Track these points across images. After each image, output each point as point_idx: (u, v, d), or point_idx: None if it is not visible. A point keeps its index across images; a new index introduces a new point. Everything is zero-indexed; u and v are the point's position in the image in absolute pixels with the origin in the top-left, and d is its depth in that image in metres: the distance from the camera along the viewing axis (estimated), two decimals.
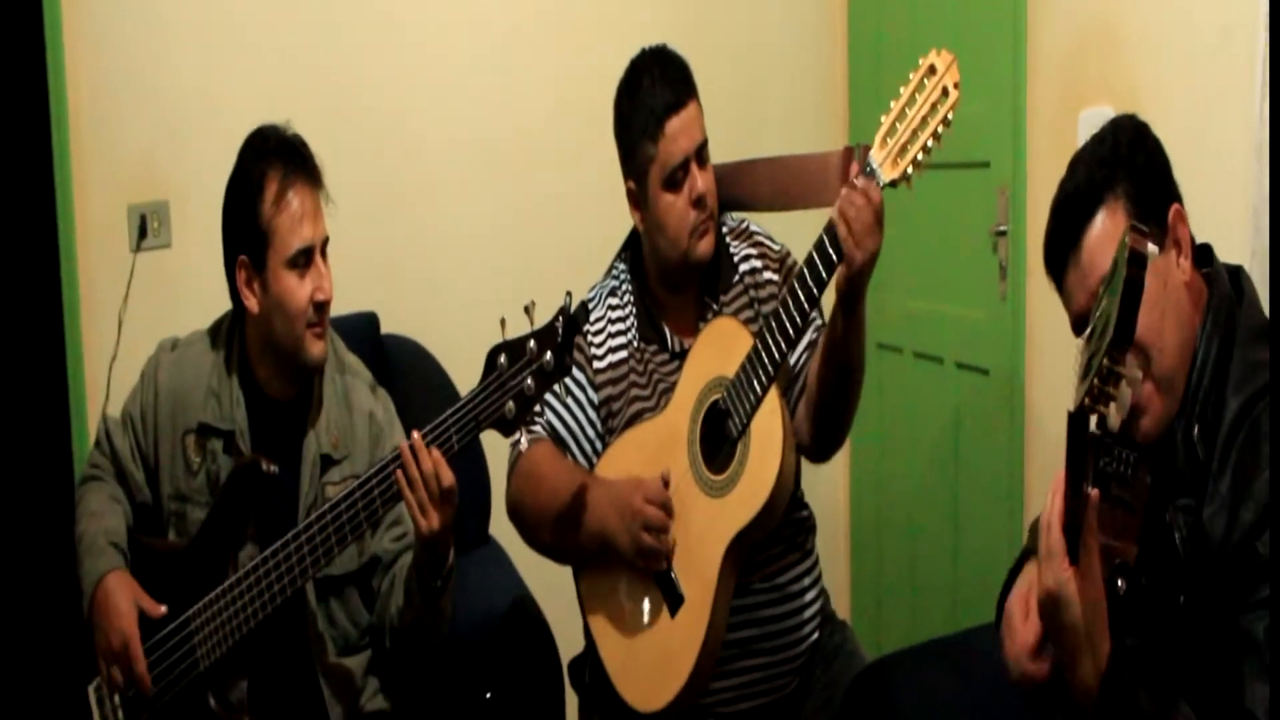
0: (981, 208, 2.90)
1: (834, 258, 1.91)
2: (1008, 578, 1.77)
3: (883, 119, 1.91)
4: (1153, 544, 1.51)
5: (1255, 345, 1.56)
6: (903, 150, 1.88)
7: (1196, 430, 1.54)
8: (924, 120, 1.87)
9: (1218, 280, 1.61)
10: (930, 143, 1.87)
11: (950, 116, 1.86)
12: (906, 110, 1.89)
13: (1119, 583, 1.46)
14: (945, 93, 1.86)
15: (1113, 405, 1.31)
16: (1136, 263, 1.28)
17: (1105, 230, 1.60)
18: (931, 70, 1.88)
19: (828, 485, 3.51)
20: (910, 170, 1.88)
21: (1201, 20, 2.31)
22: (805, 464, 2.30)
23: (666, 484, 2.04)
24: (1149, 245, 1.30)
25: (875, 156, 1.90)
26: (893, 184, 1.89)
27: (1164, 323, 1.56)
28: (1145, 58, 2.45)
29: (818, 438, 2.12)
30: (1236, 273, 1.64)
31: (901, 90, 1.90)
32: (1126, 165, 1.62)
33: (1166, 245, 1.60)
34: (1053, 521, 1.39)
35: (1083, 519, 1.36)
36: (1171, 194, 1.64)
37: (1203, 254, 1.67)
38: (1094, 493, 1.35)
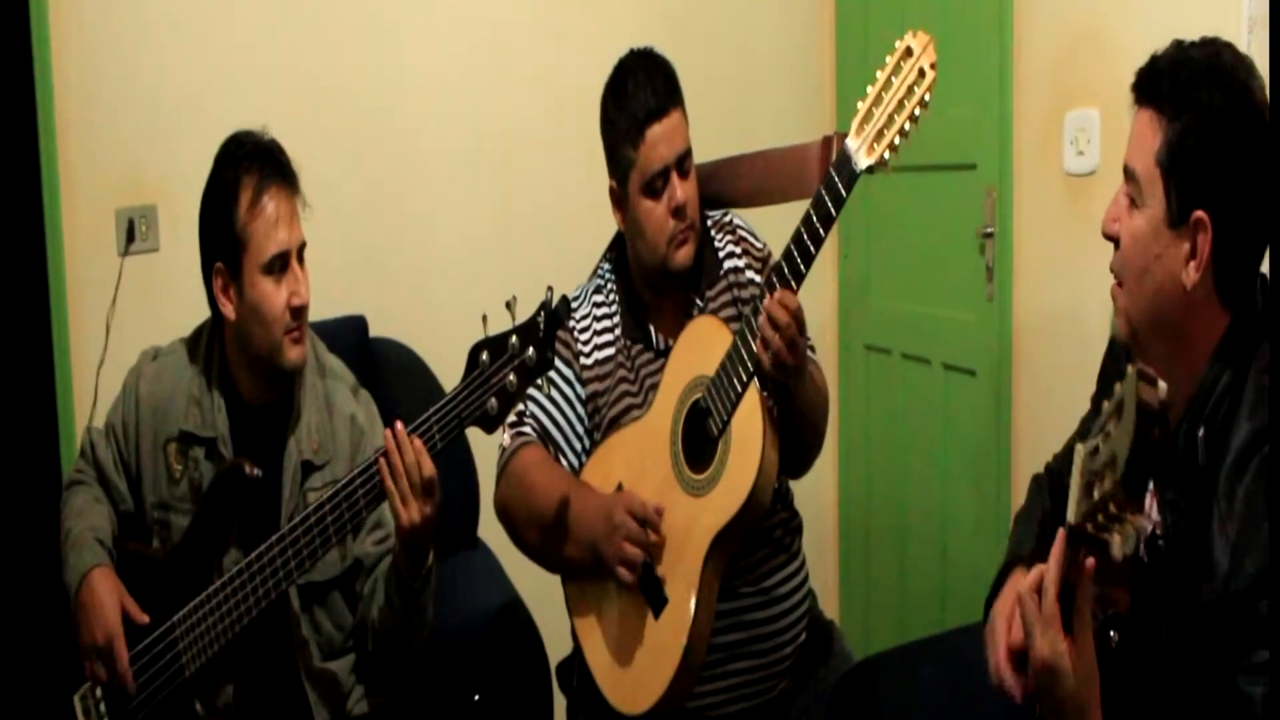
0: (968, 209, 2.91)
1: (812, 249, 1.90)
2: (994, 582, 1.77)
3: (859, 104, 1.87)
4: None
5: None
6: (879, 135, 1.84)
7: (1202, 432, 1.50)
8: (900, 103, 1.83)
9: (1253, 302, 1.54)
10: (907, 125, 1.83)
11: (928, 98, 1.82)
12: (883, 94, 1.85)
13: (1110, 634, 1.45)
14: (922, 74, 1.82)
15: (1116, 538, 1.28)
16: (1146, 419, 1.23)
17: (1143, 125, 1.54)
18: (908, 52, 1.84)
19: (816, 486, 3.51)
20: (887, 155, 1.84)
21: (1186, 25, 2.29)
22: None
23: (660, 513, 2.02)
24: (1158, 396, 1.24)
25: (851, 143, 1.86)
26: (869, 170, 1.85)
27: (1142, 280, 1.54)
28: (1131, 61, 2.43)
29: (786, 460, 2.09)
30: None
31: (878, 74, 1.86)
32: (1223, 125, 1.49)
33: (1181, 233, 1.51)
34: (1049, 588, 1.37)
35: (1077, 587, 1.34)
36: (1221, 195, 1.50)
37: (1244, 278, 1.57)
38: (1090, 562, 1.33)
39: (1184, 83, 1.51)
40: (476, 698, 2.35)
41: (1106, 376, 1.76)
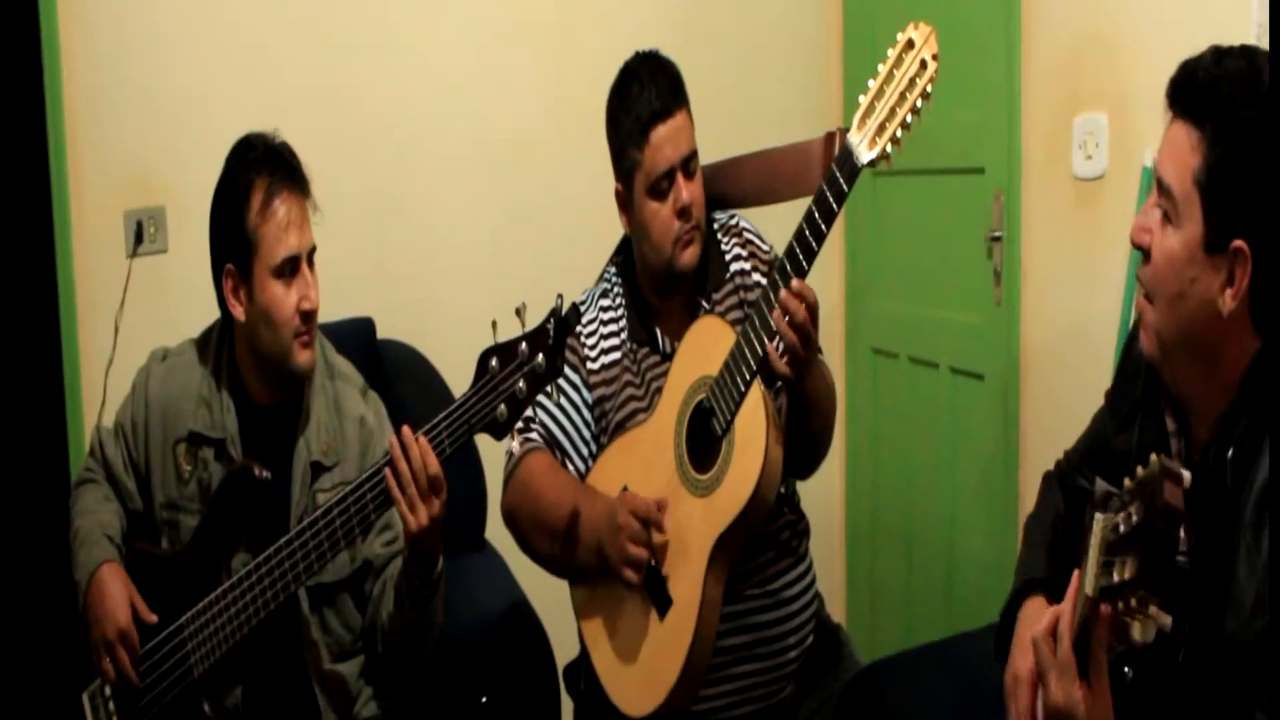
0: (976, 213, 2.91)
1: (814, 245, 1.90)
2: (1006, 608, 1.75)
3: (861, 99, 1.86)
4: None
5: None
6: (881, 128, 1.83)
7: (1231, 453, 1.48)
8: (902, 96, 1.82)
9: None
10: (909, 118, 1.81)
11: (929, 90, 1.81)
12: (885, 87, 1.84)
13: (1125, 670, 1.43)
14: (924, 65, 1.81)
15: (1137, 626, 1.27)
16: (1170, 520, 1.22)
17: (1180, 139, 1.48)
18: (909, 44, 1.83)
19: (823, 490, 3.51)
20: (889, 148, 1.83)
21: (1194, 28, 2.31)
22: None
23: (662, 509, 2.02)
24: (1182, 495, 1.23)
25: (853, 137, 1.85)
26: (871, 163, 1.84)
27: (1175, 303, 1.50)
28: (1138, 65, 2.46)
29: (794, 461, 2.09)
30: None
31: (880, 67, 1.85)
32: (1248, 148, 1.43)
33: (1219, 259, 1.46)
34: (1064, 634, 1.35)
35: (1093, 634, 1.33)
36: (1262, 224, 1.44)
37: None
38: (1105, 609, 1.31)
39: (1225, 100, 1.45)
40: (484, 700, 2.35)
41: (1125, 373, 1.73)
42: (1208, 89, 1.46)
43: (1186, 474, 1.22)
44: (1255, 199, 1.43)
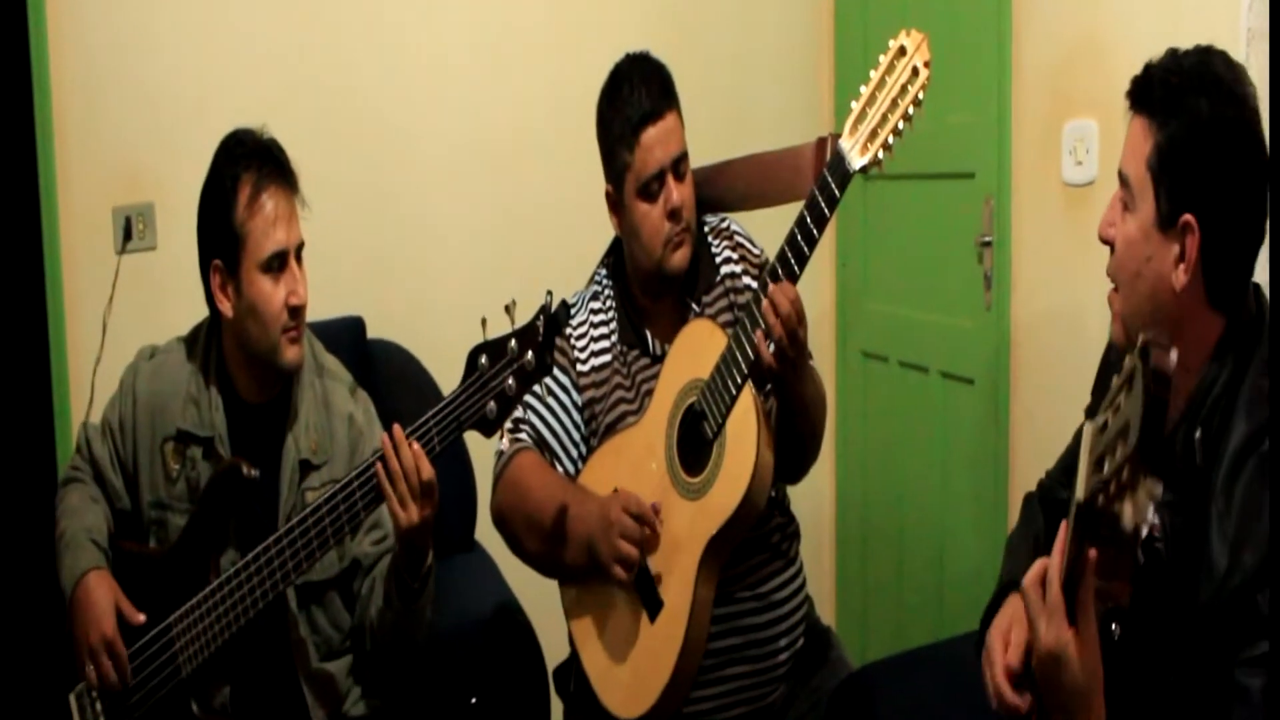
0: (967, 218, 2.91)
1: (806, 249, 1.90)
2: (989, 605, 1.77)
3: (853, 105, 1.87)
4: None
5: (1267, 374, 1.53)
6: (873, 134, 1.84)
7: (1199, 434, 1.51)
8: (894, 102, 1.83)
9: (1247, 308, 1.56)
10: (901, 124, 1.83)
11: (921, 96, 1.82)
12: (877, 94, 1.85)
13: (1113, 627, 1.44)
14: (915, 72, 1.82)
15: (1128, 507, 1.26)
16: (1160, 383, 1.23)
17: (1136, 132, 1.57)
18: (901, 51, 1.84)
19: (813, 493, 3.51)
20: (881, 154, 1.84)
21: (1186, 34, 2.30)
22: None
23: (657, 512, 2.02)
24: (1170, 360, 1.23)
25: (845, 143, 1.86)
26: (863, 169, 1.85)
27: (1135, 283, 1.56)
28: (1130, 70, 2.45)
29: (784, 465, 2.09)
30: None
31: (872, 74, 1.86)
32: (1215, 128, 1.51)
33: (1170, 235, 1.53)
34: (1054, 579, 1.37)
35: (1081, 578, 1.34)
36: (1209, 199, 1.52)
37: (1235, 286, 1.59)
38: (1093, 553, 1.32)
39: (1174, 89, 1.54)
40: (474, 701, 2.34)
41: (1104, 373, 1.76)
42: (1160, 82, 1.56)
43: (1174, 351, 1.23)
44: (1201, 175, 1.51)
